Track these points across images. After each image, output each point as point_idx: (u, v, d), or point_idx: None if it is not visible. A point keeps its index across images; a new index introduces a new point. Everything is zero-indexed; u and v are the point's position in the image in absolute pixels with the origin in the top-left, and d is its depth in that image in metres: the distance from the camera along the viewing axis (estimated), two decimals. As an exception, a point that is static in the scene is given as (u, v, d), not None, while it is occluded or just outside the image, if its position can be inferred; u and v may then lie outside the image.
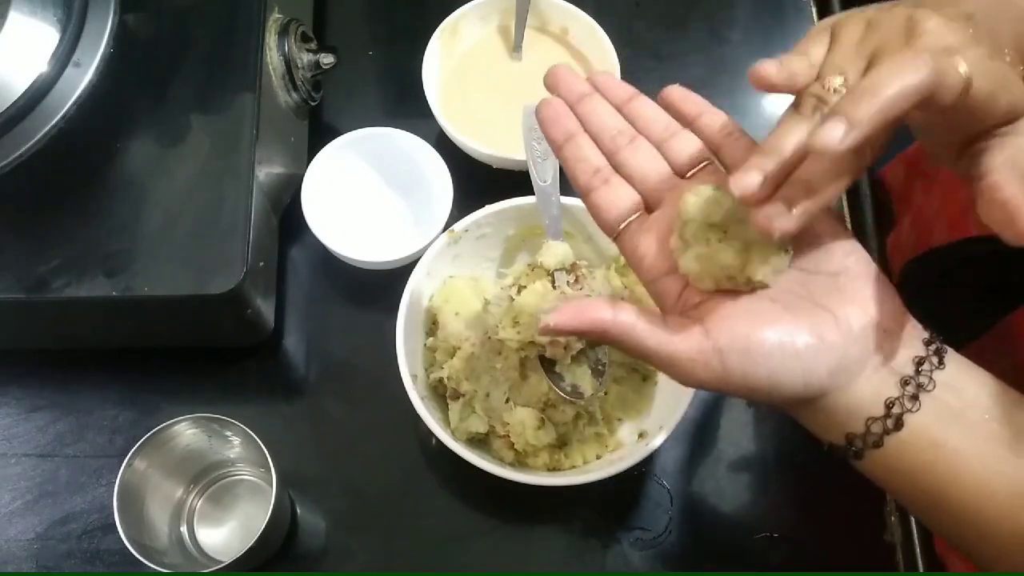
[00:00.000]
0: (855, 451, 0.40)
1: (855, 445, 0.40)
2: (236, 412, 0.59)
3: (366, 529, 0.65)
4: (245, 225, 0.59)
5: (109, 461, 0.66)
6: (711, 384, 0.40)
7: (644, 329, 0.40)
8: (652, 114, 0.45)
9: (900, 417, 0.39)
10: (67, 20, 0.59)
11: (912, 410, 0.39)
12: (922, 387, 0.39)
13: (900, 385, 0.39)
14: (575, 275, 0.62)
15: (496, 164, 0.71)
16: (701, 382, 0.40)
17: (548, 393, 0.64)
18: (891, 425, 0.39)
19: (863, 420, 0.39)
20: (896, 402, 0.39)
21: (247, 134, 0.61)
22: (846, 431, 0.40)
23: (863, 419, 0.39)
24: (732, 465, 0.67)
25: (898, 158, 0.76)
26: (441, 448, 0.59)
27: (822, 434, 0.42)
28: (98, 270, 0.58)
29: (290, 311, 0.71)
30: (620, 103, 0.46)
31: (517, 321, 0.60)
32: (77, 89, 0.58)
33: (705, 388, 0.40)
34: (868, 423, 0.39)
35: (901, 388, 0.39)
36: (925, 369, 0.39)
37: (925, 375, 0.39)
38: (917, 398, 0.39)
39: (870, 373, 0.39)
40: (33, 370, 0.69)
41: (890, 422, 0.39)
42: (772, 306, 0.40)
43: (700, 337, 0.39)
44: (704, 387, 0.40)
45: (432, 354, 0.65)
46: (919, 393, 0.39)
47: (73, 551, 0.64)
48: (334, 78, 0.73)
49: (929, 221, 0.63)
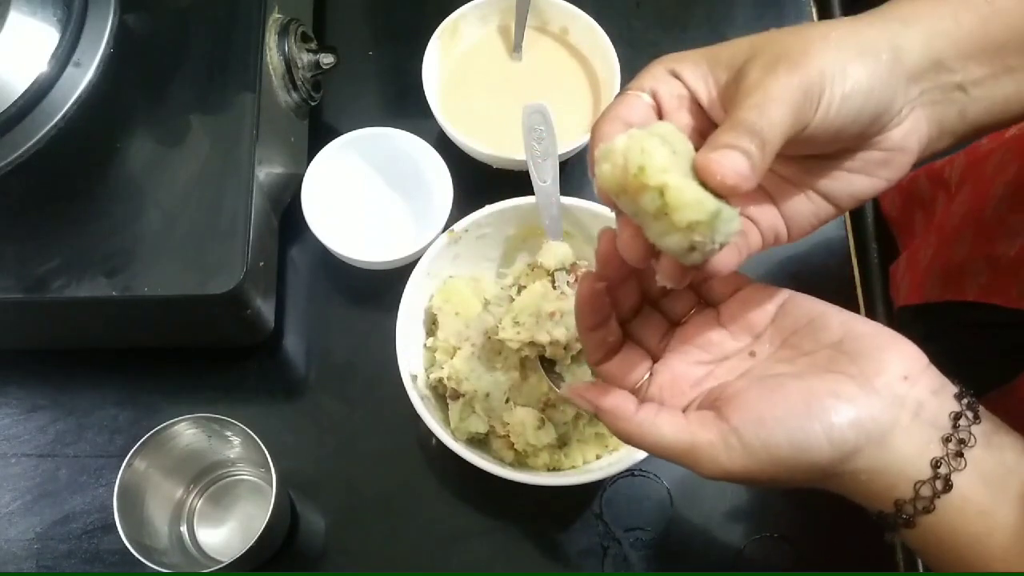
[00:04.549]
0: (905, 519, 0.39)
1: (905, 512, 0.38)
2: (236, 412, 0.59)
3: (366, 529, 0.65)
4: (245, 225, 0.59)
5: (109, 461, 0.66)
6: (738, 469, 0.38)
7: (665, 420, 0.39)
8: None
9: (948, 477, 0.37)
10: (67, 20, 0.59)
11: (959, 468, 0.38)
12: (964, 443, 0.38)
13: (942, 443, 0.38)
14: (575, 275, 0.62)
15: (496, 164, 0.71)
16: (727, 470, 0.38)
17: (548, 393, 0.64)
18: (940, 487, 0.37)
19: (911, 483, 0.38)
20: (942, 461, 0.38)
21: (247, 134, 0.61)
22: (895, 496, 0.39)
23: (911, 482, 0.38)
24: (732, 465, 0.67)
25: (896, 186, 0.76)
26: (441, 448, 0.59)
27: (871, 502, 0.40)
28: (98, 270, 0.58)
29: (290, 311, 0.71)
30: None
31: (517, 321, 0.60)
32: (77, 89, 0.58)
33: (734, 479, 0.39)
34: (917, 487, 0.38)
35: (943, 446, 0.38)
36: (963, 424, 0.38)
37: (964, 430, 0.38)
38: (962, 455, 0.38)
39: (906, 429, 0.38)
40: (33, 370, 0.69)
41: (939, 483, 0.38)
42: (781, 379, 0.40)
43: (715, 421, 0.39)
44: (732, 477, 0.39)
45: (432, 354, 0.65)
46: (962, 450, 0.38)
47: (73, 551, 0.64)
48: (334, 78, 0.73)
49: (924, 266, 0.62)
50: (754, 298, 0.43)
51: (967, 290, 0.54)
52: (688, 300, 0.45)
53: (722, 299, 0.44)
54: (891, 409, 0.38)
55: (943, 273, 0.58)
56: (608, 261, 0.41)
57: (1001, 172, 0.57)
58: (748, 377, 0.41)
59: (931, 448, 0.38)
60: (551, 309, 0.60)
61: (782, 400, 0.38)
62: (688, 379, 0.43)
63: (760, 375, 0.41)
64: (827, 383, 0.38)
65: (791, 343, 0.42)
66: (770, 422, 0.38)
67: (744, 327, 0.43)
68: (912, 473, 0.38)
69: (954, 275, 0.56)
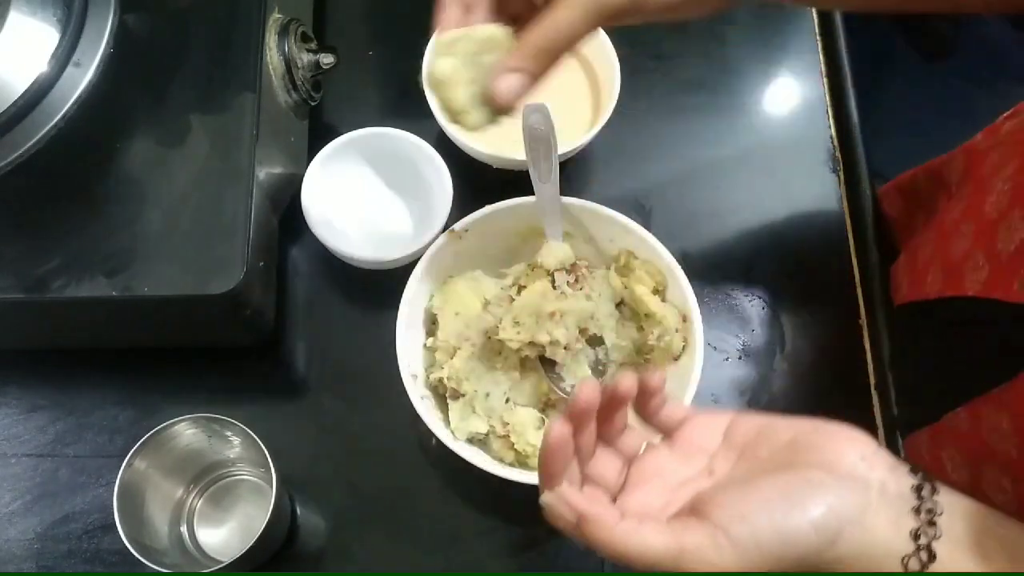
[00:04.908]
0: None
1: None
2: (236, 412, 0.59)
3: (366, 529, 0.65)
4: (245, 225, 0.59)
5: (109, 461, 0.66)
6: (730, 568, 0.38)
7: (649, 528, 0.40)
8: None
9: (930, 546, 0.39)
10: (67, 20, 0.59)
11: (937, 537, 0.39)
12: (933, 512, 0.39)
13: (913, 513, 0.40)
14: (575, 275, 0.62)
15: (496, 164, 0.71)
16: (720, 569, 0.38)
17: (548, 393, 0.64)
18: (925, 558, 0.39)
19: (898, 559, 0.39)
20: (921, 533, 0.39)
21: (247, 134, 0.61)
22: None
23: (897, 558, 0.39)
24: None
25: (896, 186, 0.76)
26: (441, 448, 0.59)
27: None
28: (98, 270, 0.58)
29: (290, 311, 0.71)
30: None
31: (517, 321, 0.60)
32: (77, 89, 0.58)
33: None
34: (904, 560, 0.39)
35: (915, 516, 0.40)
36: (926, 494, 0.40)
37: (928, 500, 0.40)
38: (934, 524, 0.39)
39: (877, 508, 0.39)
40: (33, 370, 0.69)
41: (923, 555, 0.39)
42: (752, 479, 0.41)
43: (699, 524, 0.39)
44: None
45: (432, 354, 0.65)
46: (934, 519, 0.39)
47: (73, 551, 0.64)
48: (334, 78, 0.73)
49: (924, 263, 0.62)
50: (701, 423, 0.45)
51: (967, 285, 0.54)
52: (638, 436, 0.46)
53: (670, 431, 0.46)
54: (860, 490, 0.40)
55: (942, 269, 0.58)
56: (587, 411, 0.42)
57: (999, 170, 0.57)
58: (718, 486, 0.42)
59: (905, 521, 0.40)
60: (551, 309, 0.60)
61: (760, 496, 0.39)
62: (654, 505, 0.43)
63: (729, 481, 0.42)
64: (797, 475, 0.40)
65: (747, 455, 0.43)
66: (753, 517, 0.38)
67: (697, 451, 0.45)
68: (896, 549, 0.39)
69: (953, 271, 0.56)
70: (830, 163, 0.76)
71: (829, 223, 0.75)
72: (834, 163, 0.76)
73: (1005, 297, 0.49)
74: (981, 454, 0.51)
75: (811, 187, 0.76)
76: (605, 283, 0.65)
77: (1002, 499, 0.50)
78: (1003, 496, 0.50)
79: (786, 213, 0.75)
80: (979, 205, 0.56)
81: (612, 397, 0.43)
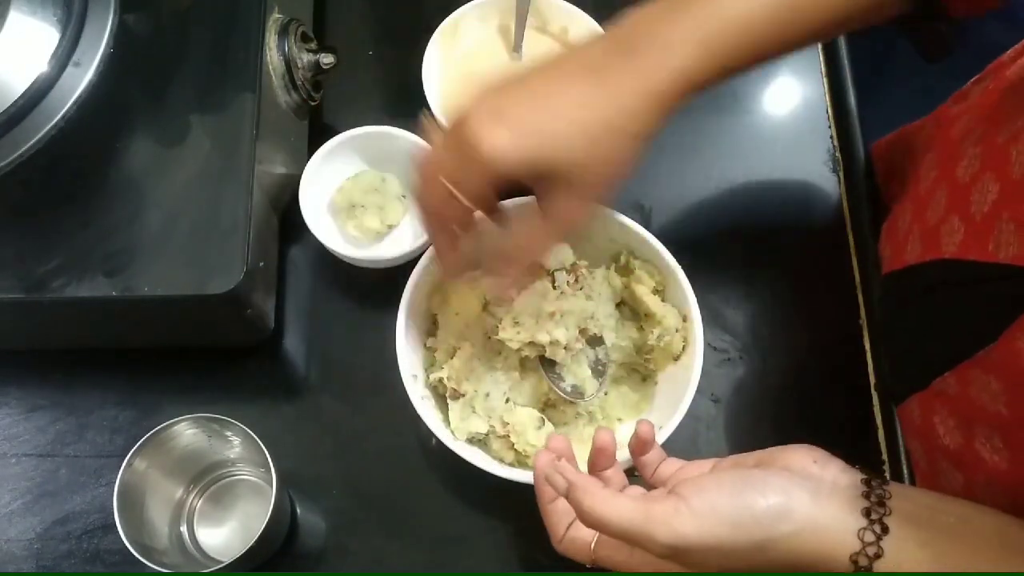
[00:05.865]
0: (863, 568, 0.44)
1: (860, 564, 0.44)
2: (236, 412, 0.59)
3: (366, 529, 0.65)
4: (245, 225, 0.59)
5: (109, 461, 0.66)
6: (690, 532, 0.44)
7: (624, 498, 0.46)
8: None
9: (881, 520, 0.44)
10: (67, 20, 0.59)
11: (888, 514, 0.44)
12: (882, 495, 0.45)
13: (864, 497, 0.45)
14: (575, 275, 0.62)
15: (496, 164, 0.70)
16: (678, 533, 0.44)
17: (548, 393, 0.64)
18: (879, 530, 0.44)
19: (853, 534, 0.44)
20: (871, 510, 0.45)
21: (247, 134, 0.61)
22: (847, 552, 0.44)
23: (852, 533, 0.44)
24: (732, 465, 0.67)
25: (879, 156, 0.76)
26: (441, 448, 0.60)
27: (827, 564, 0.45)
28: (98, 270, 0.58)
29: (290, 311, 0.71)
30: None
31: (517, 321, 0.60)
32: (77, 89, 0.58)
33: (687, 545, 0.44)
34: (860, 534, 0.44)
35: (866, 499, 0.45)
36: (875, 484, 0.46)
37: (878, 487, 0.46)
38: (884, 504, 0.45)
39: (829, 492, 0.46)
40: (33, 370, 0.69)
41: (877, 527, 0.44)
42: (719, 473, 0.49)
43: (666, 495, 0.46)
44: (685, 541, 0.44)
45: (432, 354, 0.65)
46: (884, 500, 0.45)
47: (73, 551, 0.64)
48: (334, 78, 0.73)
49: (904, 232, 0.63)
50: (689, 467, 0.53)
51: (944, 249, 0.54)
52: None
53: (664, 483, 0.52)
54: (811, 480, 0.46)
55: (921, 236, 0.59)
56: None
57: (969, 133, 0.57)
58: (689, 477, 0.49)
59: (857, 503, 0.45)
60: (551, 309, 0.60)
61: (723, 479, 0.46)
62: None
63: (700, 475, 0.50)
64: (756, 470, 0.48)
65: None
66: (714, 493, 0.45)
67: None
68: (850, 524, 0.44)
69: (931, 236, 0.57)
70: (830, 163, 0.76)
71: (829, 223, 0.75)
72: (834, 163, 0.76)
73: (981, 257, 0.50)
74: (972, 415, 0.52)
75: (811, 187, 0.76)
76: (605, 283, 0.65)
77: (996, 459, 0.50)
78: (997, 455, 0.50)
79: (786, 213, 0.75)
80: (951, 170, 0.57)
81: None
